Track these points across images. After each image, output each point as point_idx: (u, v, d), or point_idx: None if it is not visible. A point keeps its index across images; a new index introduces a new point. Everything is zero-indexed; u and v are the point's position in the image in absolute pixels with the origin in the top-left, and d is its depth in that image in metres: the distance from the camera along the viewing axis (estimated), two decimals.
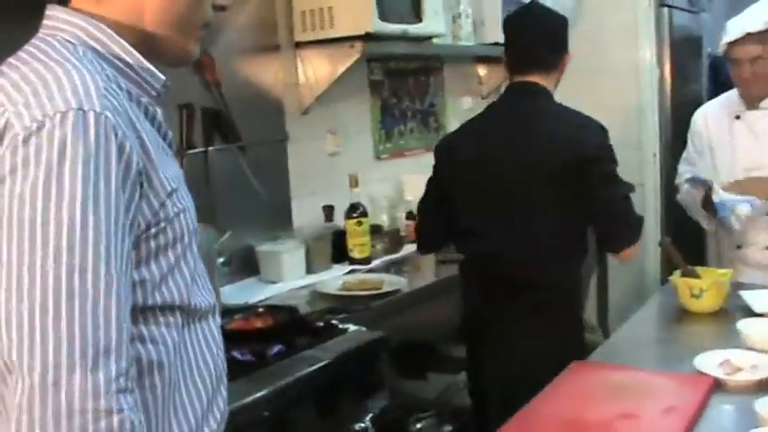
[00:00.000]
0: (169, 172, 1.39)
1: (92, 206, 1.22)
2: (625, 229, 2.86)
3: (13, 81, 1.29)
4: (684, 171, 3.71)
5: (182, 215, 1.40)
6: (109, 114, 1.26)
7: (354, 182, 3.83)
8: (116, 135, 1.26)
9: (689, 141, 3.75)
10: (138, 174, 1.30)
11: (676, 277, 2.96)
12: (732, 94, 3.58)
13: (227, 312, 2.90)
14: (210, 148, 3.42)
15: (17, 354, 1.18)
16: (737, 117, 3.50)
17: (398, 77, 4.57)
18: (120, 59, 1.42)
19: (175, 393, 1.43)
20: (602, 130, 2.89)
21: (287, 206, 3.87)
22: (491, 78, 5.29)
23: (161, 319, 1.39)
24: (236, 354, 2.60)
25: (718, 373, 2.26)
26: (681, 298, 2.93)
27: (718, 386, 2.22)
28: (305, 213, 3.92)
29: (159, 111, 1.51)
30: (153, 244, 1.35)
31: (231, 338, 2.67)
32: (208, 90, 3.42)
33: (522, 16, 3.06)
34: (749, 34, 3.29)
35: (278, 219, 3.79)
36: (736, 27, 3.34)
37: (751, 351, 2.39)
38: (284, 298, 3.35)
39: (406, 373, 4.10)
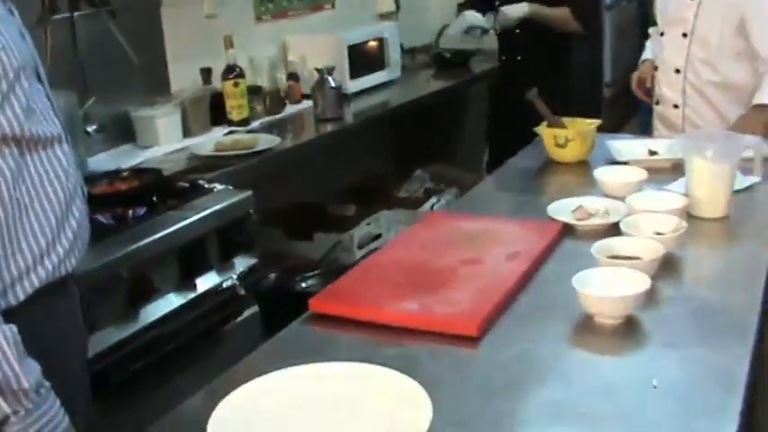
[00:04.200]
0: None
1: None
2: None
3: None
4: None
5: (1, 53, 1.48)
6: None
7: (229, 43, 3.77)
8: None
9: None
10: None
11: (542, 127, 2.98)
12: None
13: (94, 178, 2.90)
14: (76, 14, 3.32)
15: None
16: None
17: None
18: None
19: (22, 216, 1.54)
20: None
21: (163, 71, 3.80)
22: None
23: None
24: (99, 217, 2.60)
25: (570, 219, 2.32)
26: (546, 148, 2.95)
27: (571, 232, 2.28)
28: (183, 77, 3.86)
29: None
30: None
31: (95, 202, 2.67)
32: None
33: None
34: None
35: (155, 84, 3.73)
36: None
37: (606, 198, 2.44)
38: (159, 162, 3.34)
39: (292, 233, 4.14)
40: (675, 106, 3.40)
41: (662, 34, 3.42)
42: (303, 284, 3.80)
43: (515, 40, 4.54)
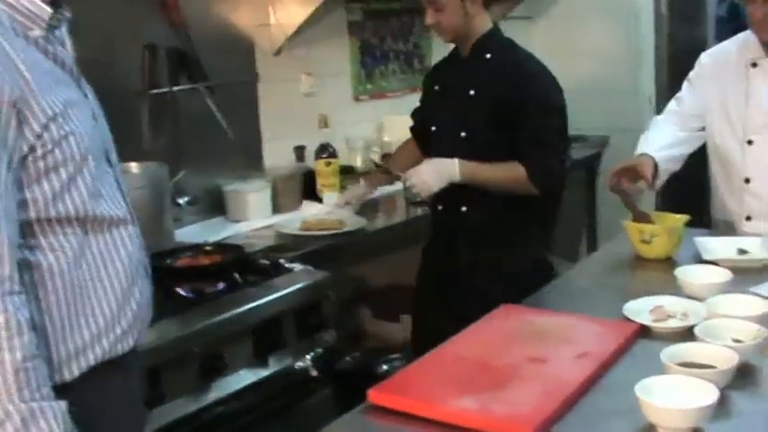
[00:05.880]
0: (55, 98, 1.53)
1: None
2: None
3: None
4: (668, 112, 3.41)
5: (70, 137, 1.55)
6: None
7: (324, 122, 3.83)
8: None
9: (686, 83, 3.38)
10: (14, 102, 1.45)
11: (627, 222, 2.92)
12: (748, 36, 3.16)
13: (178, 251, 2.95)
14: (175, 89, 3.43)
15: None
16: (754, 65, 3.11)
17: (380, 18, 4.55)
18: None
19: (82, 295, 1.60)
20: None
21: (257, 146, 3.89)
22: None
23: (59, 230, 1.56)
24: (179, 290, 2.65)
25: (646, 320, 2.25)
26: (632, 243, 2.89)
27: (647, 332, 2.21)
28: (277, 154, 3.93)
29: (68, 41, 1.70)
30: (41, 164, 1.52)
31: (177, 275, 2.74)
32: (173, 30, 3.43)
33: None
34: None
35: (248, 159, 3.81)
36: None
37: (686, 299, 2.36)
38: (246, 237, 3.38)
39: (379, 314, 4.13)
40: None
41: (749, 142, 3.10)
42: (385, 366, 3.78)
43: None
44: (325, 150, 3.81)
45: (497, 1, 3.37)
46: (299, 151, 3.91)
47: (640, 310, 2.30)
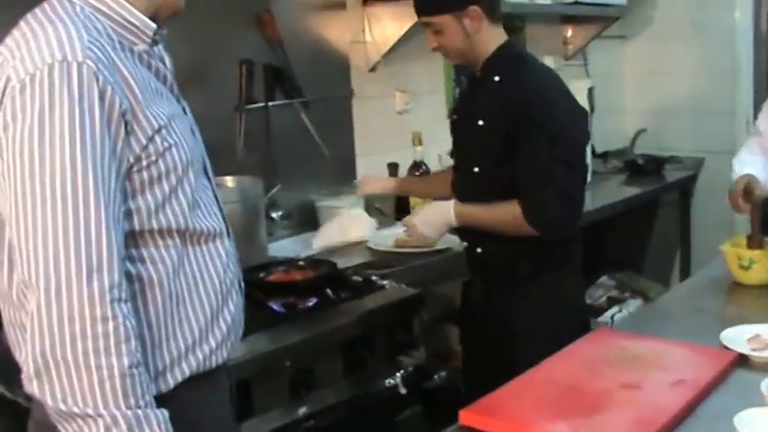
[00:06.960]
0: (159, 110, 1.57)
1: (79, 144, 1.42)
2: None
3: (16, 39, 1.51)
4: (750, 146, 3.29)
5: (173, 149, 1.58)
6: (90, 63, 1.45)
7: (417, 140, 3.84)
8: (97, 80, 1.45)
9: (763, 112, 3.30)
10: (123, 113, 1.48)
11: (725, 246, 2.86)
12: None
13: (271, 265, 2.98)
14: (271, 104, 3.47)
15: (28, 270, 1.42)
16: None
17: None
18: (116, 12, 1.60)
19: (179, 306, 1.62)
20: None
21: (351, 162, 3.92)
22: (577, 39, 5.21)
23: (159, 242, 1.58)
24: (272, 304, 2.67)
25: (744, 348, 2.20)
26: (730, 268, 2.83)
27: (745, 362, 2.15)
28: (371, 170, 3.93)
29: (167, 57, 1.72)
30: (146, 175, 1.54)
31: (270, 290, 2.76)
32: (270, 47, 3.48)
33: None
34: None
35: (342, 174, 3.83)
36: None
37: None
38: (339, 253, 3.39)
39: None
40: None
41: None
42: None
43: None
44: (419, 168, 3.82)
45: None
46: (393, 168, 3.92)
47: (737, 338, 2.24)
